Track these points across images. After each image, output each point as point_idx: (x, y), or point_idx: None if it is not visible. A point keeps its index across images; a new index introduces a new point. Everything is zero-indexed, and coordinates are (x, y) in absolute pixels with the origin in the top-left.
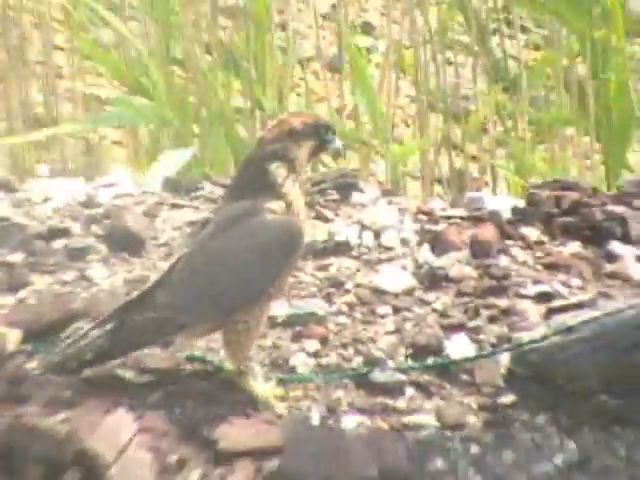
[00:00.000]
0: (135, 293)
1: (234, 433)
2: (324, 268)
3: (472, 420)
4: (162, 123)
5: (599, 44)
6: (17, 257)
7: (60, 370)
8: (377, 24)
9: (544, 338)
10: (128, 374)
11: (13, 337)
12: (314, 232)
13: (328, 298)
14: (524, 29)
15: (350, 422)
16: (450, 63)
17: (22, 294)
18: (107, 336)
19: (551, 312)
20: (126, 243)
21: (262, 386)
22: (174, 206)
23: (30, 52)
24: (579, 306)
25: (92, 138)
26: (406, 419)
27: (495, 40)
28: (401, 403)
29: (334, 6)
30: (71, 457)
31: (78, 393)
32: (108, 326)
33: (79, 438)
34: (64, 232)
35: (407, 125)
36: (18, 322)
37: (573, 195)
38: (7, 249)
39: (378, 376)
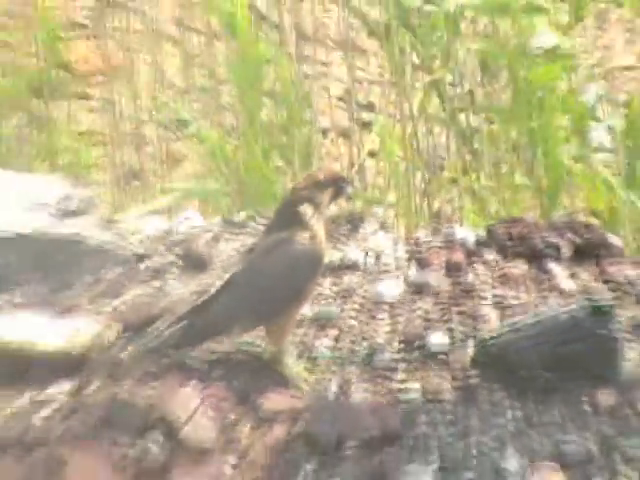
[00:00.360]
0: (201, 299)
1: (273, 400)
2: (338, 282)
3: (447, 391)
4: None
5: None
6: (116, 273)
7: (147, 355)
8: (378, 103)
9: (499, 335)
10: (197, 356)
11: (114, 330)
12: (331, 255)
13: (341, 304)
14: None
15: (358, 394)
16: (430, 132)
17: (119, 301)
18: (181, 331)
19: (504, 315)
20: (195, 262)
21: (293, 366)
22: (230, 236)
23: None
24: (525, 310)
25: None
26: (398, 390)
27: (463, 115)
28: (395, 379)
29: (347, 91)
30: (154, 421)
31: (160, 372)
32: (181, 324)
33: (160, 406)
34: (149, 256)
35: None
36: (117, 320)
37: (520, 228)
38: (109, 267)
39: (378, 360)
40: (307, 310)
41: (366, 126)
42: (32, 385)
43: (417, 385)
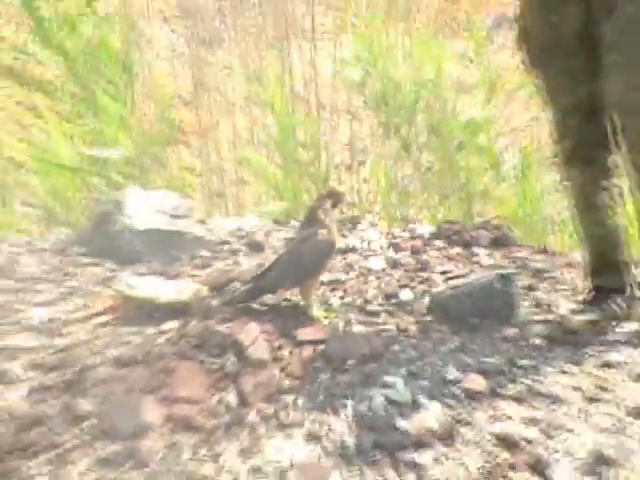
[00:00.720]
0: (260, 270)
1: (304, 332)
2: (344, 259)
3: (412, 327)
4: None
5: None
6: (207, 253)
7: (227, 305)
8: (370, 148)
9: (444, 293)
10: (257, 306)
11: (205, 289)
12: (340, 242)
13: (346, 272)
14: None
15: (357, 328)
16: (401, 168)
17: (209, 270)
18: (247, 290)
19: (447, 279)
20: (256, 247)
21: (316, 311)
22: (278, 231)
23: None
24: (460, 277)
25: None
26: (381, 327)
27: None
28: (379, 319)
29: (350, 141)
30: (230, 344)
31: (234, 315)
32: (248, 285)
33: (234, 335)
34: (227, 243)
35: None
36: (208, 283)
37: (456, 227)
38: (202, 250)
39: (369, 308)
40: (325, 277)
41: (362, 163)
42: (154, 322)
43: (392, 323)
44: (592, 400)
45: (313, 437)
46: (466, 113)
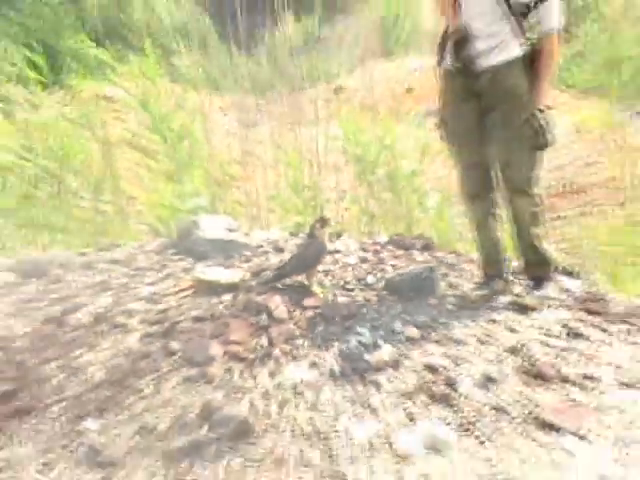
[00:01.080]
0: (282, 263)
1: (308, 301)
2: (332, 257)
3: (373, 298)
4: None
5: None
6: (248, 253)
7: (261, 285)
8: (348, 189)
9: (393, 277)
10: (279, 285)
11: (248, 275)
12: (329, 247)
13: (333, 265)
14: None
15: (340, 299)
16: (366, 201)
17: (250, 264)
18: (274, 275)
19: (395, 270)
20: (279, 250)
21: (316, 288)
22: (292, 239)
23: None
24: (403, 268)
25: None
26: (355, 298)
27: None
28: (354, 294)
29: (336, 185)
30: (264, 308)
31: (266, 291)
32: (275, 272)
33: (264, 303)
34: (261, 247)
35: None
36: (249, 271)
37: (401, 237)
38: (246, 251)
39: (347, 287)
40: (320, 267)
41: (343, 198)
42: (217, 295)
43: (362, 296)
44: (483, 343)
45: (313, 365)
46: (408, 167)
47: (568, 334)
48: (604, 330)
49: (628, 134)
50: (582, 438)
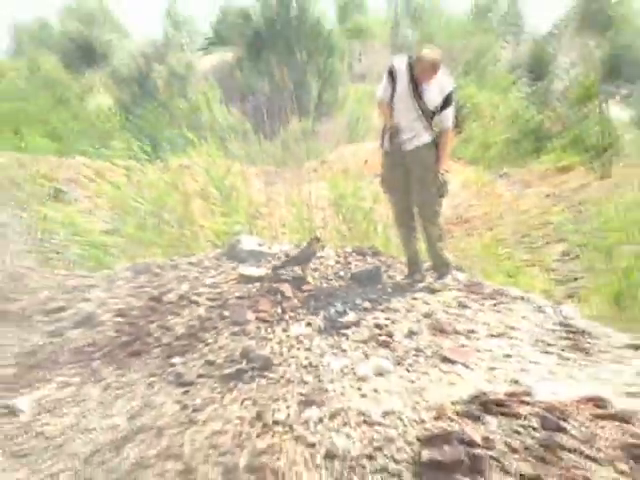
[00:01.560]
0: (287, 261)
1: (305, 287)
2: (318, 260)
3: (344, 285)
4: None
5: None
6: (269, 258)
7: (275, 269)
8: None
9: (355, 273)
10: (286, 277)
11: (269, 271)
12: (317, 254)
13: (319, 264)
14: None
15: (324, 285)
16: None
17: (269, 265)
18: (284, 261)
19: (357, 267)
20: (287, 255)
21: (310, 278)
22: (296, 249)
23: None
24: (362, 266)
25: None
26: (333, 285)
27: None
28: (332, 282)
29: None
30: (279, 291)
31: (279, 281)
32: (284, 262)
33: (280, 288)
34: (277, 254)
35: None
36: (269, 268)
37: (361, 249)
38: (268, 257)
39: (328, 278)
40: (311, 265)
41: (326, 225)
42: (251, 283)
43: (337, 284)
44: (409, 311)
45: (308, 324)
46: (366, 207)
47: (459, 305)
48: (480, 303)
49: (494, 187)
50: (467, 367)
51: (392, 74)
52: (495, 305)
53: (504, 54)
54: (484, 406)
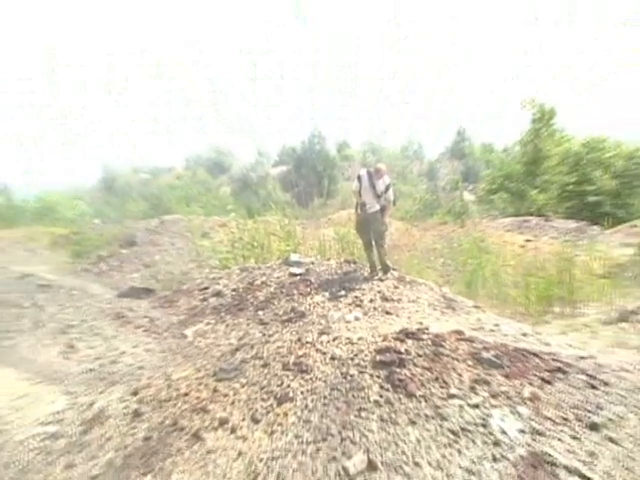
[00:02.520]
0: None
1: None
2: (326, 266)
3: (338, 278)
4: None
5: None
6: (305, 265)
7: (307, 271)
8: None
9: (343, 274)
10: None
11: (303, 270)
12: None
13: (326, 268)
14: None
15: (328, 277)
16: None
17: (306, 268)
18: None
19: (345, 269)
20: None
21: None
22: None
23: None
24: (349, 270)
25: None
26: (327, 279)
27: None
28: (328, 277)
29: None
30: (302, 281)
31: (298, 278)
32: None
33: (309, 279)
34: (307, 263)
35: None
36: (305, 269)
37: (347, 259)
38: (305, 264)
39: (323, 276)
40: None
41: (333, 249)
42: (295, 277)
43: (335, 278)
44: (370, 290)
45: (323, 296)
46: (353, 239)
47: (394, 287)
48: (403, 286)
49: (411, 231)
50: (398, 317)
51: (359, 178)
52: (411, 287)
53: (414, 168)
54: (405, 335)
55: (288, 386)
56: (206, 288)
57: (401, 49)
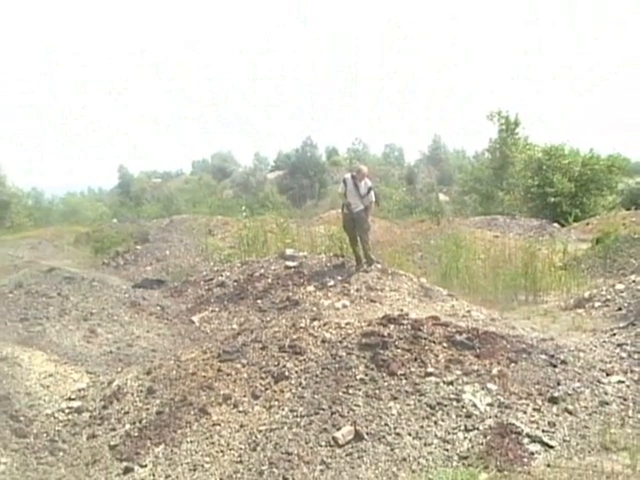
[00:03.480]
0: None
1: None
2: (317, 259)
3: (327, 269)
4: None
5: None
6: (299, 258)
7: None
8: None
9: (334, 264)
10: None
11: (298, 263)
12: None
13: (317, 260)
14: None
15: (319, 269)
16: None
17: (300, 261)
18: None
19: (334, 262)
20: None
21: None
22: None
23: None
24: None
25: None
26: (318, 271)
27: None
28: (317, 269)
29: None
30: (296, 273)
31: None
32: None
33: (303, 270)
34: (301, 257)
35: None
36: (298, 262)
37: (336, 254)
38: (299, 257)
39: (314, 269)
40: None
41: (324, 245)
42: (289, 269)
43: (326, 269)
44: (356, 280)
45: (314, 286)
46: (342, 236)
47: (377, 278)
48: (386, 277)
49: (393, 228)
50: (381, 304)
51: (345, 181)
52: (393, 278)
53: (396, 172)
54: (388, 320)
55: (284, 366)
56: (211, 279)
57: (400, 49)
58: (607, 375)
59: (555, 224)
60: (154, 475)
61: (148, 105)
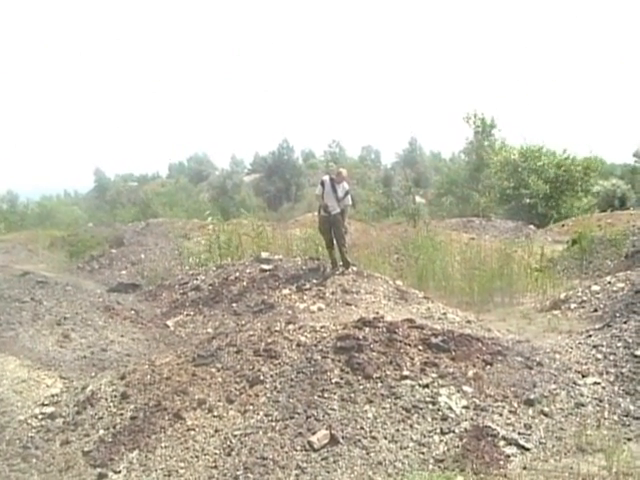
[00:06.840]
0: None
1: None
2: (294, 262)
3: (308, 272)
4: None
5: None
6: (274, 262)
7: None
8: None
9: (311, 267)
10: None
11: (273, 266)
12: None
13: (292, 264)
14: None
15: (298, 272)
16: None
17: (275, 265)
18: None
19: (310, 265)
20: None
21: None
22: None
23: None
24: (314, 265)
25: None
26: (300, 272)
27: None
28: (302, 271)
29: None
30: (271, 275)
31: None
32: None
33: (277, 274)
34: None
35: None
36: (274, 266)
37: (312, 257)
38: (274, 261)
39: (293, 271)
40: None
41: (302, 249)
42: (265, 272)
43: (306, 271)
44: (332, 283)
45: (289, 289)
46: (319, 239)
47: (353, 280)
48: (362, 279)
49: (368, 230)
50: (357, 307)
51: (323, 183)
52: (368, 281)
53: (372, 174)
54: (363, 323)
55: (259, 370)
56: (186, 283)
57: (377, 51)
58: (583, 377)
59: (531, 226)
60: None
61: (125, 106)
